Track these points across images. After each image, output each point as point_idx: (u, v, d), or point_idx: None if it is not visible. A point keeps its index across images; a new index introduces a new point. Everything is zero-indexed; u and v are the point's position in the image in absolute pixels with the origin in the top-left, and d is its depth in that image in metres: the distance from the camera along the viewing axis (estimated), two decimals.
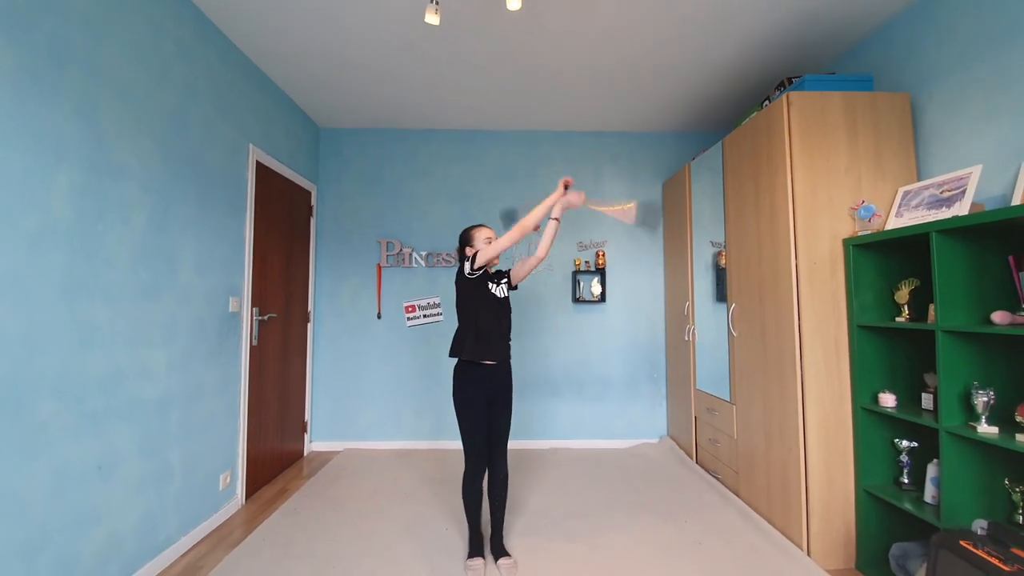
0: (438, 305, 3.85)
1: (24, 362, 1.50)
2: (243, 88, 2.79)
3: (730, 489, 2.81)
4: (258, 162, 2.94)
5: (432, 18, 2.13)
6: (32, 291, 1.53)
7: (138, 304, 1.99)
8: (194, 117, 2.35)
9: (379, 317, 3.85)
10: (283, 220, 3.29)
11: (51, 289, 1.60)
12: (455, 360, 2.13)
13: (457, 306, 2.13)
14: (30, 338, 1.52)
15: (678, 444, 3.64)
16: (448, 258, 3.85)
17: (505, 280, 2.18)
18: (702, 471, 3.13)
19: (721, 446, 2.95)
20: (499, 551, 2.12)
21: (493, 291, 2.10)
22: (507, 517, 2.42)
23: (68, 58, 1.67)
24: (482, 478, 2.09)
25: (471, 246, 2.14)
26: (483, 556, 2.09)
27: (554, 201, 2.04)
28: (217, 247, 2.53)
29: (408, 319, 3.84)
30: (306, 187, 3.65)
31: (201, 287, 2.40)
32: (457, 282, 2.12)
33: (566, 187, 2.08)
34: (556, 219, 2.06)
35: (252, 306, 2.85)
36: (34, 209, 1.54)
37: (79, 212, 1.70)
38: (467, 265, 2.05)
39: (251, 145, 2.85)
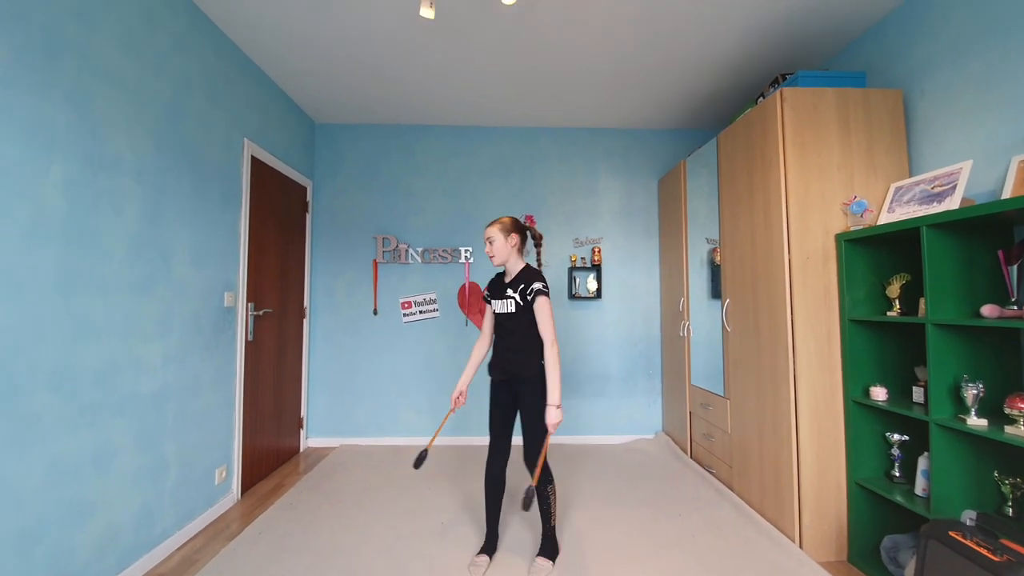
0: (434, 301, 3.85)
1: (17, 354, 1.50)
2: (237, 82, 2.78)
3: (724, 483, 2.83)
4: (253, 156, 2.93)
5: (427, 12, 2.12)
6: (26, 283, 1.53)
7: (133, 297, 1.98)
8: (188, 110, 2.34)
9: (375, 313, 3.84)
10: (278, 215, 3.28)
11: (45, 281, 1.59)
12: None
13: (521, 322, 1.99)
14: (24, 330, 1.52)
15: (673, 439, 3.66)
16: (444, 254, 3.85)
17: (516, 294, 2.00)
18: (697, 466, 3.15)
19: (715, 441, 2.97)
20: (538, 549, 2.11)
21: (496, 308, 2.06)
22: (503, 511, 2.37)
23: (61, 49, 1.66)
24: (494, 465, 2.02)
25: (537, 246, 2.16)
26: (488, 554, 2.06)
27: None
28: (211, 242, 2.52)
29: (404, 315, 3.84)
30: (301, 182, 3.64)
31: (196, 281, 2.39)
32: (536, 301, 1.93)
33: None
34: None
35: (247, 301, 2.85)
36: (27, 200, 1.53)
37: (72, 203, 1.70)
38: (538, 283, 1.93)
39: (246, 139, 2.84)
